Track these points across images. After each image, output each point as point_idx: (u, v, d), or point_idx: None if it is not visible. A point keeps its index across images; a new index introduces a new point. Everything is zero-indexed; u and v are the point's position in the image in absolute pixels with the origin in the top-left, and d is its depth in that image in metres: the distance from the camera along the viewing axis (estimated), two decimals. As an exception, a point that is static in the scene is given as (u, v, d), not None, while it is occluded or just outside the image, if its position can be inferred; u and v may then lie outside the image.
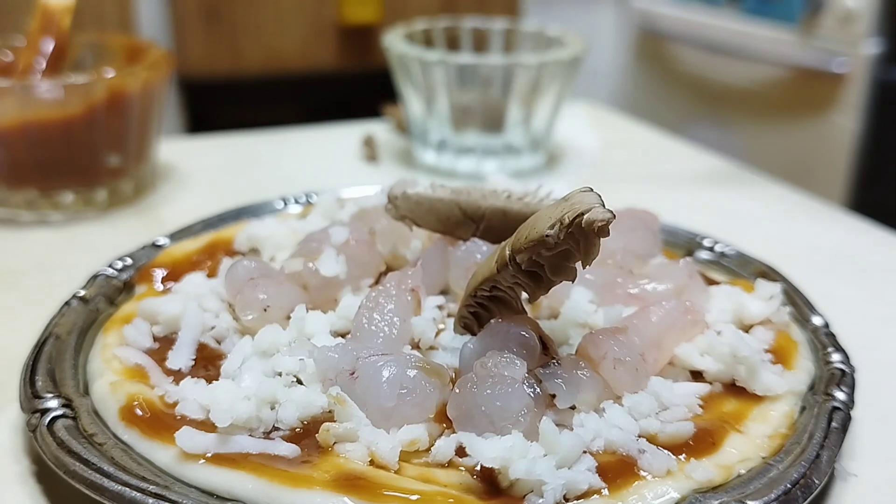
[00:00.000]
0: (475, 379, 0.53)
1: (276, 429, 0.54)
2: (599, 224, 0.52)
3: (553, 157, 1.20)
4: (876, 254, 0.94)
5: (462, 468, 0.51)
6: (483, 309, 0.60)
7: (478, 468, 0.50)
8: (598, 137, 1.34)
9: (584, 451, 0.52)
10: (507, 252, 0.56)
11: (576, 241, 0.53)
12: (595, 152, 1.27)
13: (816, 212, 1.06)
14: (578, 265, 0.55)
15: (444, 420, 0.54)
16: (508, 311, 0.59)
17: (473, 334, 0.61)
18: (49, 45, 1.00)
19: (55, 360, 0.61)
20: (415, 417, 0.53)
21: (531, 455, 0.49)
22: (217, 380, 0.58)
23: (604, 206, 0.53)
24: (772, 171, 1.22)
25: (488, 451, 0.49)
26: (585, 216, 0.52)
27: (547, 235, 0.53)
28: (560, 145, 1.25)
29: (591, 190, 0.68)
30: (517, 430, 0.50)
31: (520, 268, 0.56)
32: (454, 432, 0.53)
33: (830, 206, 1.08)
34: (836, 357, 0.64)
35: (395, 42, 1.11)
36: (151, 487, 0.49)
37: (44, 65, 0.99)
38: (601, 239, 0.53)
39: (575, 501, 0.49)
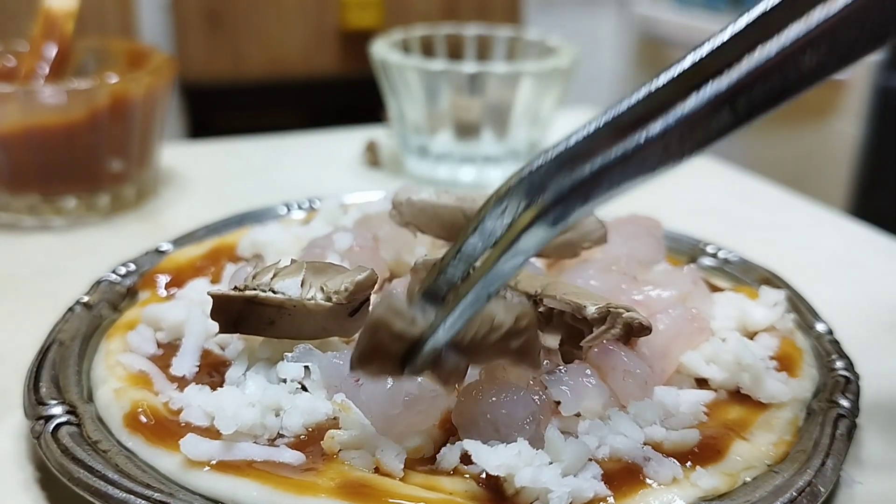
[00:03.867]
0: (480, 386, 0.53)
1: (280, 436, 0.54)
2: (638, 326, 0.57)
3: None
4: (878, 260, 0.94)
5: (467, 476, 0.51)
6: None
7: (483, 476, 0.50)
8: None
9: (590, 459, 0.51)
10: (538, 289, 0.59)
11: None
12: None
13: (819, 217, 1.06)
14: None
15: (449, 427, 0.54)
16: None
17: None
18: (52, 51, 1.00)
19: (59, 367, 0.61)
20: (420, 424, 0.53)
21: (537, 463, 0.49)
22: (221, 386, 0.58)
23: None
24: (773, 177, 1.22)
25: (494, 458, 0.49)
26: (629, 315, 0.57)
27: (586, 309, 0.57)
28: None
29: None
30: (522, 438, 0.50)
31: (534, 305, 0.59)
32: (459, 439, 0.52)
33: (832, 211, 1.08)
34: (840, 364, 0.64)
35: (379, 48, 1.12)
36: (156, 495, 0.49)
37: (47, 70, 0.99)
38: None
39: (580, 509, 0.49)
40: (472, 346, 0.50)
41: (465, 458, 0.51)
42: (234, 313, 0.59)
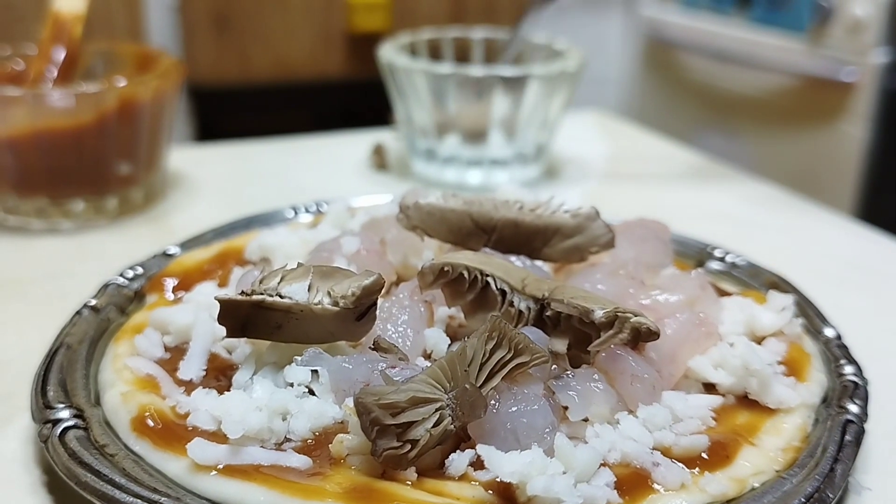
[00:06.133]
0: (496, 395, 0.52)
1: (287, 440, 0.54)
2: (645, 331, 0.57)
3: (555, 168, 1.20)
4: (887, 263, 0.94)
5: (475, 482, 0.50)
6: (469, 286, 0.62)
7: (492, 483, 0.50)
8: (606, 146, 1.34)
9: (603, 464, 0.51)
10: (545, 293, 0.59)
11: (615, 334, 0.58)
12: (603, 160, 1.27)
13: (827, 221, 1.06)
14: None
15: (458, 434, 0.54)
16: (484, 307, 0.62)
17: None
18: (60, 54, 1.00)
19: (66, 370, 0.61)
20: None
21: (550, 471, 0.49)
22: (228, 390, 0.58)
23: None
24: (780, 180, 1.22)
25: (507, 465, 0.49)
26: (636, 320, 0.57)
27: (593, 313, 0.57)
28: (566, 154, 1.25)
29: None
30: (539, 447, 0.50)
31: (541, 309, 0.59)
32: (470, 447, 0.52)
33: (839, 214, 1.08)
34: (848, 369, 0.64)
35: (386, 51, 1.12)
36: (163, 499, 0.49)
37: (55, 73, 1.00)
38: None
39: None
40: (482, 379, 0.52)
41: (475, 465, 0.51)
42: (242, 318, 0.59)
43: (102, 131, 0.94)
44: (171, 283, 0.74)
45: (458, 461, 0.51)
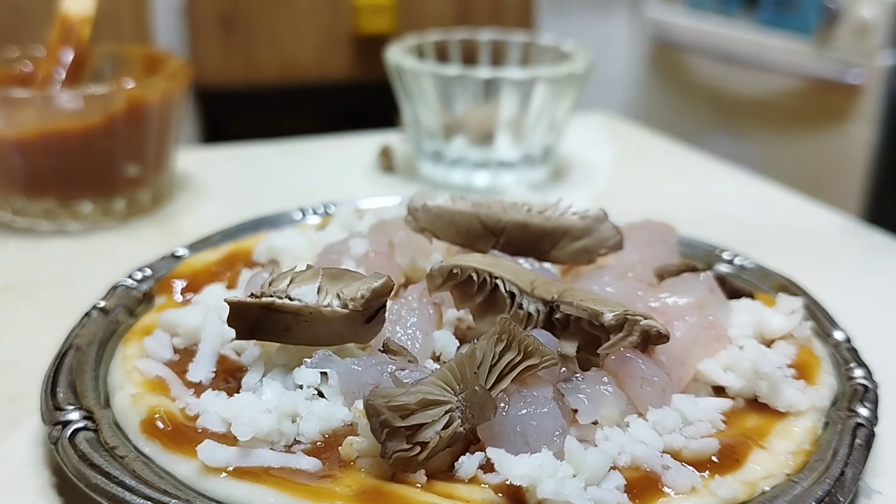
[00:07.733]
0: (506, 397, 0.52)
1: (297, 442, 0.54)
2: (655, 334, 0.57)
3: (562, 170, 1.20)
4: (894, 265, 0.93)
5: (485, 485, 0.50)
6: (478, 288, 0.62)
7: (501, 486, 0.50)
8: (613, 147, 1.34)
9: (612, 467, 0.51)
10: (554, 295, 0.59)
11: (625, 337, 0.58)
12: (610, 162, 1.27)
13: (835, 224, 1.06)
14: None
15: (467, 437, 0.54)
16: (493, 309, 0.61)
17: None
18: (69, 56, 1.00)
19: (76, 372, 0.62)
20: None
21: (560, 475, 0.49)
22: (238, 392, 0.58)
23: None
24: (787, 182, 1.22)
25: (517, 467, 0.49)
26: (646, 323, 0.57)
27: (603, 315, 0.57)
28: (573, 156, 1.24)
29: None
30: (549, 449, 0.50)
31: (550, 311, 0.59)
32: (479, 449, 0.52)
33: (848, 217, 1.08)
34: (858, 372, 0.64)
35: (393, 53, 1.12)
36: (173, 501, 0.49)
37: (63, 75, 1.00)
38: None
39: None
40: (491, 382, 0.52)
41: (484, 468, 0.51)
42: (251, 320, 0.59)
43: (110, 133, 0.94)
44: (179, 284, 0.74)
45: (468, 464, 0.51)
